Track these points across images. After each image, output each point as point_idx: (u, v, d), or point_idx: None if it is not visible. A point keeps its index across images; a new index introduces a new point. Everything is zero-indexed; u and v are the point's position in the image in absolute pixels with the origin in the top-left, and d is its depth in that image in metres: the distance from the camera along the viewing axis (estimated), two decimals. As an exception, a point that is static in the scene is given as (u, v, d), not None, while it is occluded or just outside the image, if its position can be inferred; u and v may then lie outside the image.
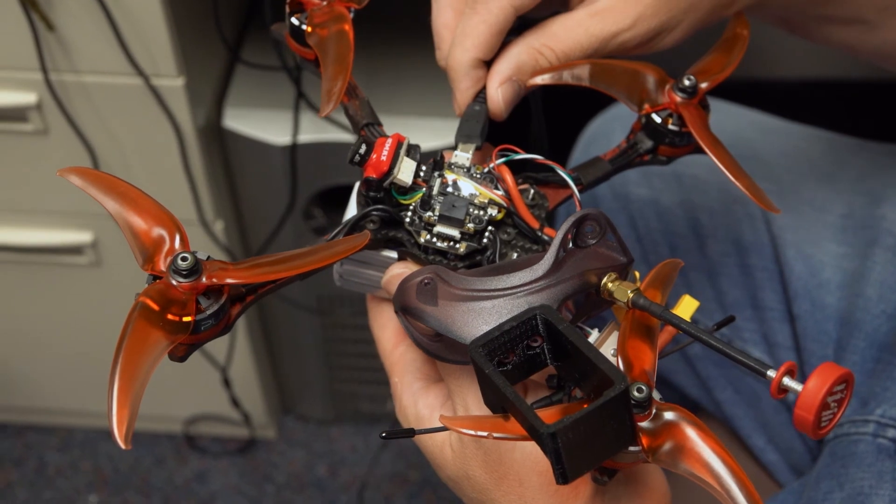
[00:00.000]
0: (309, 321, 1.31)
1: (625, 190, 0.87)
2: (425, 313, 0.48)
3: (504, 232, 0.55)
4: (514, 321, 0.45)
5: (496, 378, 0.42)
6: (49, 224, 1.14)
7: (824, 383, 0.40)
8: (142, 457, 1.48)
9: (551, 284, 0.48)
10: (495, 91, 0.57)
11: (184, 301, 0.46)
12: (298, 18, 0.59)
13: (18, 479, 1.46)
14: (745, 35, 0.61)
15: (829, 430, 0.42)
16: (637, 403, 0.43)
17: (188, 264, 0.46)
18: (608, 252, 0.50)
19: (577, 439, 0.40)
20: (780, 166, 0.83)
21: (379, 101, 1.07)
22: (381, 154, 0.53)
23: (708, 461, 0.43)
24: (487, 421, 0.44)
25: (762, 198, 0.55)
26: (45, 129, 1.03)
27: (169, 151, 1.05)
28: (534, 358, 0.46)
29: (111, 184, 0.49)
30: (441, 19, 0.59)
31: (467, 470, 0.52)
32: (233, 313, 0.49)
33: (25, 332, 1.33)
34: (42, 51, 0.95)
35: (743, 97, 0.95)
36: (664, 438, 0.43)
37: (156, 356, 0.44)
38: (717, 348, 0.45)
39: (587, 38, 0.56)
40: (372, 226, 0.55)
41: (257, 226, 1.21)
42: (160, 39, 0.94)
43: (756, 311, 0.81)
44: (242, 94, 1.10)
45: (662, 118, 0.58)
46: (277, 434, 1.50)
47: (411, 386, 0.56)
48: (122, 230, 0.48)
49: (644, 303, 0.47)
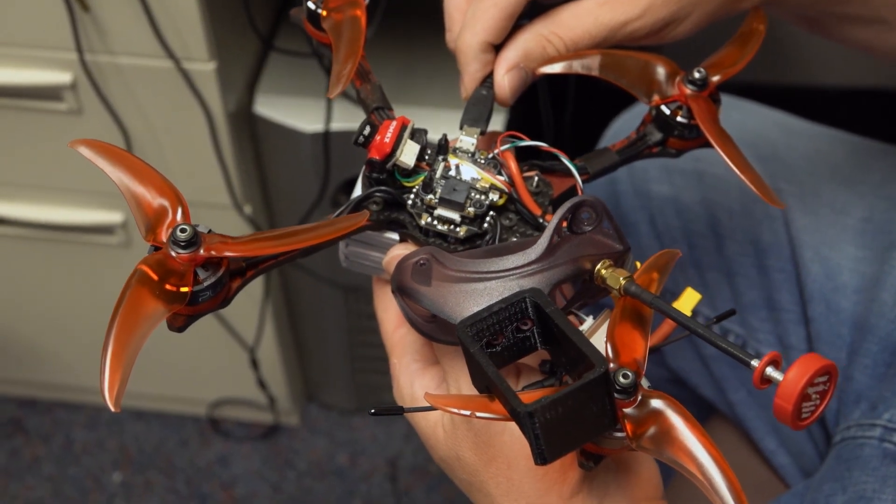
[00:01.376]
0: (335, 311, 1.32)
1: (646, 187, 0.87)
2: (419, 293, 0.48)
3: (506, 217, 0.55)
4: (502, 303, 0.45)
5: (480, 358, 0.43)
6: (80, 203, 1.16)
7: (805, 374, 0.40)
8: (167, 438, 1.50)
9: (544, 269, 0.48)
10: (502, 77, 0.57)
11: (182, 272, 0.47)
12: (315, 2, 0.60)
13: (45, 455, 1.49)
14: (762, 30, 0.60)
15: (810, 421, 0.42)
16: (622, 389, 0.44)
17: (187, 236, 0.47)
18: (604, 239, 0.50)
19: (555, 420, 0.40)
20: (802, 168, 0.82)
21: (410, 90, 1.08)
22: (384, 136, 0.54)
23: (692, 450, 0.43)
24: (472, 400, 0.44)
25: (767, 192, 0.55)
26: (79, 109, 1.05)
27: (200, 135, 1.06)
28: (524, 341, 0.47)
29: (119, 156, 0.50)
30: (453, 2, 0.59)
31: (458, 451, 0.53)
32: (233, 286, 0.50)
33: (56, 309, 1.35)
34: (77, 31, 0.96)
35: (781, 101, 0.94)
36: (649, 425, 0.43)
37: (151, 324, 0.45)
38: (707, 338, 0.45)
39: (596, 26, 0.56)
40: (375, 207, 0.55)
41: (286, 212, 1.22)
42: (192, 23, 0.96)
43: (771, 313, 0.80)
44: (274, 81, 1.11)
45: (672, 110, 0.58)
46: (300, 421, 1.51)
47: (409, 367, 0.57)
48: (127, 201, 0.49)
49: (636, 290, 0.47)
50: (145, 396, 1.51)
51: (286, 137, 1.11)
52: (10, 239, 1.22)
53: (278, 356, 1.37)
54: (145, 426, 1.52)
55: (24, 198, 1.17)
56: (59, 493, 1.45)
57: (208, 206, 1.13)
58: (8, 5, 0.96)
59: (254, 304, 1.25)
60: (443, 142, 0.56)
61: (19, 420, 1.52)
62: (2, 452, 1.49)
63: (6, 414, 1.52)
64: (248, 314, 1.27)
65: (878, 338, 0.71)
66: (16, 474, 1.47)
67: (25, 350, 1.43)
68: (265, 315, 1.27)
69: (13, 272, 1.30)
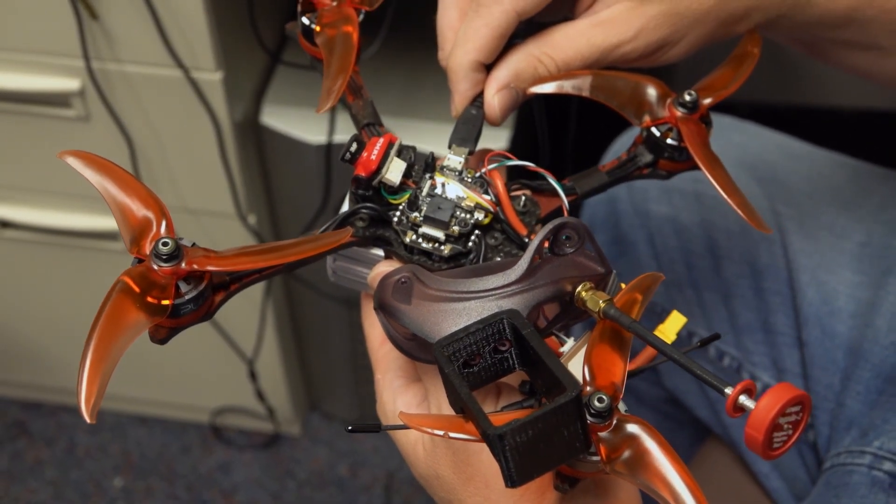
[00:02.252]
0: (338, 320, 1.32)
1: (645, 206, 0.87)
2: (399, 311, 0.48)
3: (491, 237, 0.55)
4: (480, 324, 0.45)
5: (454, 378, 0.43)
6: (87, 209, 1.17)
7: (776, 403, 0.40)
8: (169, 444, 1.51)
9: (524, 290, 0.48)
10: (492, 97, 0.57)
11: (164, 285, 0.47)
12: (309, 18, 0.60)
13: (48, 458, 1.49)
14: (755, 53, 0.60)
15: (781, 452, 0.41)
16: (597, 413, 0.43)
17: (169, 249, 0.47)
18: (586, 262, 0.50)
19: (526, 443, 0.40)
20: (802, 191, 0.82)
21: (416, 105, 1.08)
22: (371, 153, 0.54)
23: (666, 476, 0.42)
24: (447, 420, 0.44)
25: (753, 216, 0.54)
26: (86, 116, 1.06)
27: (205, 144, 1.06)
28: (502, 362, 0.47)
29: (105, 167, 0.50)
30: (445, 19, 0.59)
31: (437, 469, 0.53)
32: (216, 300, 0.50)
33: (62, 314, 1.36)
34: (85, 38, 0.97)
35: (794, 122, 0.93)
36: (624, 450, 0.43)
37: (131, 335, 0.45)
38: (682, 364, 0.44)
39: (588, 47, 0.56)
40: (361, 223, 0.55)
41: (290, 222, 1.23)
42: (199, 33, 0.96)
43: (767, 336, 0.80)
44: (281, 93, 1.12)
45: (662, 132, 0.58)
46: (302, 430, 1.52)
47: (392, 383, 0.57)
48: (112, 212, 0.49)
49: (615, 314, 0.47)
50: (149, 402, 1.52)
51: (292, 148, 1.11)
52: (17, 243, 1.23)
53: (280, 366, 1.37)
54: (148, 432, 1.52)
55: (31, 202, 1.18)
56: (61, 497, 1.46)
57: (212, 214, 1.14)
58: (17, 12, 0.97)
59: (253, 314, 1.25)
60: (430, 160, 0.56)
61: (23, 423, 1.53)
62: (4, 455, 1.49)
63: (10, 416, 1.53)
64: (248, 326, 1.27)
65: (871, 364, 0.71)
66: (18, 477, 1.47)
67: (31, 353, 1.44)
68: (264, 327, 1.27)
69: (20, 276, 1.31)
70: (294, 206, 1.20)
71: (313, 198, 1.14)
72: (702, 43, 0.59)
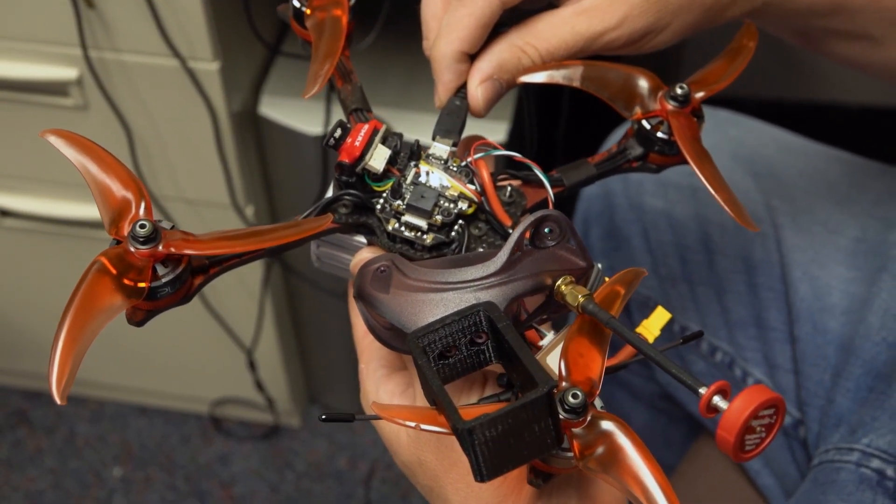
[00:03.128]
0: (338, 312, 1.32)
1: (640, 200, 0.86)
2: (376, 300, 0.48)
3: (475, 227, 0.55)
4: (455, 315, 0.45)
5: (426, 370, 0.42)
6: (86, 197, 1.17)
7: (748, 406, 0.39)
8: (169, 434, 1.51)
9: (503, 282, 0.48)
10: (475, 89, 0.57)
11: (140, 267, 0.47)
12: (300, 1, 0.60)
13: (48, 447, 1.49)
14: (751, 47, 0.59)
15: (753, 455, 0.41)
16: (571, 409, 0.43)
17: (146, 231, 0.46)
18: (567, 255, 0.49)
19: (495, 438, 0.39)
20: (797, 186, 0.81)
21: (413, 96, 1.08)
22: (355, 139, 0.54)
23: (638, 474, 0.42)
24: (419, 412, 0.43)
25: (741, 213, 0.53)
26: (84, 105, 1.06)
27: (203, 134, 1.06)
28: (478, 354, 0.46)
29: (86, 147, 0.50)
30: (430, 9, 0.59)
31: (420, 455, 0.52)
32: (194, 283, 0.50)
33: (62, 303, 1.36)
34: (83, 28, 0.97)
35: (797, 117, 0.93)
36: (597, 446, 0.43)
37: (106, 317, 0.45)
38: (658, 362, 0.43)
39: (572, 36, 0.56)
40: (344, 210, 0.55)
41: (288, 212, 1.22)
42: (196, 22, 0.96)
43: (760, 331, 0.79)
44: (280, 83, 1.12)
45: (652, 125, 0.57)
46: (301, 422, 1.52)
47: (375, 372, 0.56)
48: (92, 192, 0.49)
49: (593, 308, 0.46)
50: (149, 393, 1.52)
51: (290, 139, 1.11)
52: (16, 232, 1.23)
53: (279, 358, 1.37)
54: (148, 422, 1.52)
55: (30, 191, 1.18)
56: (60, 486, 1.46)
57: (210, 205, 1.14)
58: (15, 1, 0.97)
59: (253, 306, 1.25)
60: (415, 147, 0.56)
61: (24, 412, 1.53)
62: (5, 444, 1.50)
63: (11, 405, 1.54)
64: (247, 316, 1.27)
65: (861, 360, 0.70)
66: (18, 465, 1.48)
67: (31, 342, 1.44)
68: (263, 317, 1.27)
69: (19, 265, 1.31)
70: (292, 197, 1.20)
71: (311, 189, 1.14)
72: (688, 30, 0.58)
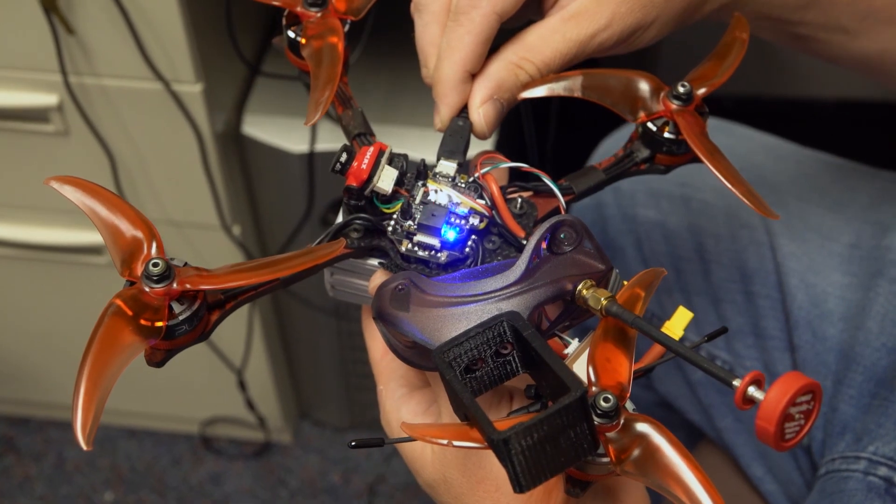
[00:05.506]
0: (327, 328, 1.32)
1: (633, 211, 0.86)
2: (398, 319, 0.48)
3: (489, 241, 0.54)
4: (480, 327, 0.44)
5: (455, 384, 0.42)
6: (69, 223, 1.16)
7: (785, 394, 0.39)
8: (159, 456, 1.50)
9: (524, 291, 0.47)
10: (476, 111, 0.56)
11: (156, 306, 0.46)
12: (294, 31, 0.60)
13: (37, 474, 1.48)
14: (744, 38, 0.59)
15: (794, 442, 0.40)
16: (603, 413, 0.42)
17: (159, 270, 0.46)
18: (585, 259, 0.49)
19: (531, 447, 0.39)
20: (790, 193, 0.82)
21: (398, 110, 1.07)
22: (361, 162, 0.53)
23: (679, 474, 0.41)
24: (450, 429, 0.43)
25: (760, 204, 0.53)
26: (65, 131, 1.05)
27: (187, 156, 1.05)
28: (505, 366, 0.46)
29: (91, 190, 0.50)
30: (427, 37, 0.58)
31: (445, 473, 0.52)
32: (211, 319, 0.49)
33: (47, 328, 1.35)
34: (62, 54, 0.96)
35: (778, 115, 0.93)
36: (633, 449, 0.42)
37: (125, 360, 0.45)
38: (687, 357, 0.43)
39: (565, 43, 0.55)
40: (355, 234, 0.54)
41: (275, 231, 1.22)
42: (178, 45, 0.95)
43: (758, 340, 0.79)
44: (262, 102, 1.11)
45: (658, 126, 0.56)
46: (293, 439, 1.51)
47: (395, 392, 0.56)
48: (102, 235, 0.49)
49: (617, 310, 0.45)
50: (137, 415, 1.50)
51: (274, 158, 1.10)
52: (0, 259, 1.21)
53: (269, 375, 1.36)
54: (137, 445, 1.51)
55: (12, 218, 1.17)
56: (51, 513, 1.45)
57: (196, 226, 1.13)
58: (-7, 28, 0.96)
59: (242, 326, 1.24)
60: (422, 167, 0.56)
61: (10, 439, 1.51)
62: (-7, 471, 1.48)
63: (-2, 432, 1.52)
64: (236, 336, 1.26)
65: (863, 367, 0.71)
66: (7, 494, 1.46)
67: (17, 369, 1.42)
68: (252, 337, 1.26)
69: (3, 292, 1.30)
70: (278, 216, 1.19)
71: (297, 207, 1.13)
72: (672, 25, 0.58)
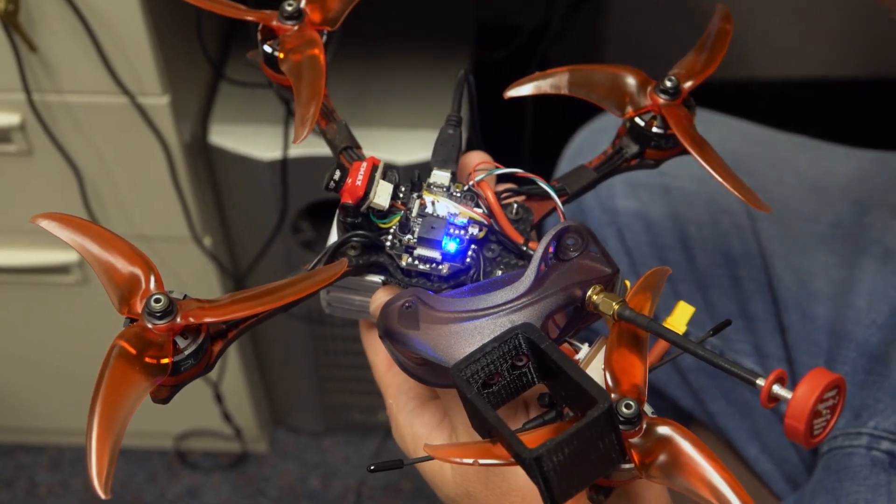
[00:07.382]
0: (299, 333, 1.31)
1: (612, 203, 0.87)
2: (408, 337, 0.47)
3: (488, 249, 0.54)
4: (495, 342, 0.44)
5: (479, 403, 0.42)
6: (35, 244, 1.14)
7: (814, 390, 0.39)
8: (133, 474, 1.48)
9: (535, 301, 0.47)
10: None
11: (160, 343, 0.45)
12: (271, 45, 0.58)
13: (9, 501, 1.45)
14: (728, 29, 0.59)
15: (822, 437, 0.41)
16: (626, 420, 0.42)
17: (161, 306, 0.45)
18: (592, 264, 0.48)
19: (562, 461, 0.39)
20: (768, 178, 0.83)
21: (365, 111, 1.07)
22: (356, 179, 0.53)
23: (705, 476, 0.41)
24: (474, 447, 0.43)
25: (751, 197, 0.53)
26: (29, 150, 1.03)
27: (155, 169, 1.04)
28: (521, 378, 0.46)
29: (82, 227, 0.48)
30: None
31: (468, 488, 0.52)
32: (214, 350, 0.48)
33: (13, 351, 1.32)
34: (25, 72, 0.94)
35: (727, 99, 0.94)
36: (658, 453, 0.42)
37: (134, 400, 0.43)
38: (707, 359, 0.43)
39: None
40: (353, 252, 0.54)
41: (246, 240, 1.20)
42: (144, 58, 0.94)
43: (747, 323, 0.80)
44: (227, 111, 1.10)
45: (646, 121, 0.57)
46: (269, 447, 1.50)
47: (406, 406, 0.56)
48: (97, 274, 0.47)
49: (630, 314, 0.46)
50: (109, 433, 1.48)
51: (243, 166, 1.09)
52: (-37, 284, 1.19)
53: (244, 385, 1.35)
54: (110, 463, 1.48)
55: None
56: (26, 538, 1.42)
57: (167, 240, 1.11)
58: (-49, 49, 0.93)
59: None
60: (416, 179, 0.55)
61: (-21, 465, 1.48)
62: (-37, 500, 1.45)
63: (-35, 460, 1.49)
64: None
65: (855, 343, 0.72)
66: (-20, 522, 1.43)
67: (-17, 394, 1.40)
68: (230, 348, 1.25)
69: (-33, 317, 1.27)
70: (249, 225, 1.18)
71: (268, 215, 1.12)
72: None
